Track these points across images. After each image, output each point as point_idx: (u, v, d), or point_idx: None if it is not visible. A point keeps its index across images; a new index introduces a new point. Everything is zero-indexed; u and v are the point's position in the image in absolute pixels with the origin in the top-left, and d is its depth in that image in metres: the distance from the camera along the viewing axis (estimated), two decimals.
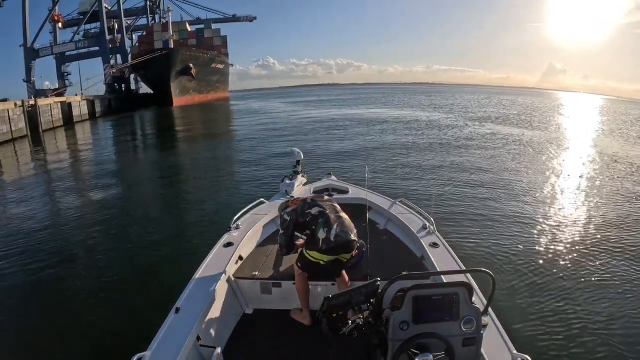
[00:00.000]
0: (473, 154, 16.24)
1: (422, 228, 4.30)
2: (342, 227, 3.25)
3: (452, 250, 3.84)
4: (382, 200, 5.23)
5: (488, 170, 12.99)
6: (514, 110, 43.53)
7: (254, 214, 4.78)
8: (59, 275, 6.29)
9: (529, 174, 12.73)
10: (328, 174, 6.36)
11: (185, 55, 61.71)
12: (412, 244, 4.29)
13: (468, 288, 2.24)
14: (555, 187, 11.15)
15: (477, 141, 19.64)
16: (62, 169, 16.46)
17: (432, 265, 3.59)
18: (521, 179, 11.89)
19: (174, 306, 2.99)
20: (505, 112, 38.94)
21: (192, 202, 10.32)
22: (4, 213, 9.93)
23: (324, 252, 3.23)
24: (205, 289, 3.24)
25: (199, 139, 25.32)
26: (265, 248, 4.37)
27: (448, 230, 6.94)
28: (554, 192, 10.55)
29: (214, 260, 3.72)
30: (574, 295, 5.29)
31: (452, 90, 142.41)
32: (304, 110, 46.17)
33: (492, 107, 46.10)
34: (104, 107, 48.44)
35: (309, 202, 3.49)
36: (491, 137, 21.16)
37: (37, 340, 4.63)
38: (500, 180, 11.63)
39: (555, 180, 11.97)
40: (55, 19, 68.69)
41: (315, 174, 7.89)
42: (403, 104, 52.92)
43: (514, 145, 18.52)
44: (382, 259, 3.95)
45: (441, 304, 2.20)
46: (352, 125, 27.07)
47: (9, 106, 26.44)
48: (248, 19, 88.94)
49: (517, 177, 12.23)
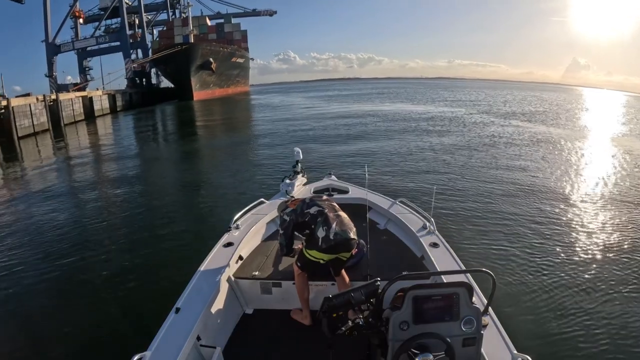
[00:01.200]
0: (480, 152, 15.73)
1: (422, 228, 4.31)
2: (341, 226, 3.26)
3: (452, 250, 3.83)
4: (382, 200, 5.23)
5: (489, 171, 12.63)
6: (540, 106, 41.37)
7: (254, 214, 4.79)
8: (59, 274, 6.25)
9: (540, 174, 12.26)
10: (328, 174, 6.37)
11: (205, 49, 61.86)
12: (412, 244, 4.29)
13: (468, 288, 2.20)
14: (559, 187, 10.80)
15: (495, 139, 18.67)
16: (74, 161, 16.87)
17: (432, 265, 3.61)
18: (527, 179, 11.51)
19: (174, 306, 2.99)
20: (530, 109, 36.83)
21: (192, 202, 10.23)
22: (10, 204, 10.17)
23: (323, 251, 3.23)
24: (205, 289, 3.26)
25: (212, 135, 25.26)
26: (265, 248, 4.37)
27: (448, 230, 6.97)
28: (556, 192, 10.23)
29: (214, 260, 3.73)
30: (574, 295, 5.29)
31: (474, 85, 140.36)
32: (324, 105, 45.31)
33: (516, 104, 43.97)
34: (125, 101, 48.95)
35: (308, 202, 3.50)
36: (513, 135, 20.12)
37: (37, 340, 4.61)
38: (501, 181, 11.31)
39: (561, 180, 11.53)
40: (76, 15, 69.61)
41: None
42: (425, 99, 51.38)
43: (538, 144, 17.44)
44: (382, 259, 3.95)
45: (441, 304, 2.17)
46: (372, 122, 26.00)
47: (31, 101, 27.07)
48: (268, 12, 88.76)
49: (523, 176, 11.83)
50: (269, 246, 4.38)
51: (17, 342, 4.58)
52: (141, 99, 55.17)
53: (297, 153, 5.90)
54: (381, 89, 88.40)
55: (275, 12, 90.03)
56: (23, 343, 4.57)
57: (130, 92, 54.37)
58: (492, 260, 6.16)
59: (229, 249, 3.94)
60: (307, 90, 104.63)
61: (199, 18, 73.85)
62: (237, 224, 4.40)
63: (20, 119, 24.81)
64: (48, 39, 66.57)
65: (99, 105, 40.21)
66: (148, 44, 72.07)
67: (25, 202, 10.61)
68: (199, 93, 61.96)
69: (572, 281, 5.63)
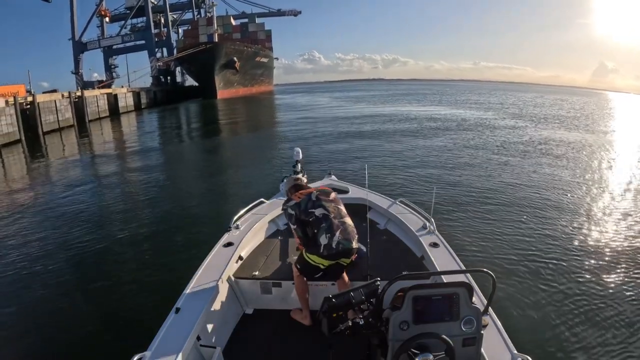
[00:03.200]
0: (490, 153, 15.28)
1: (422, 228, 4.27)
2: (344, 234, 3.19)
3: (452, 250, 3.79)
4: (382, 200, 5.19)
5: (490, 170, 12.56)
6: (572, 111, 39.20)
7: (254, 214, 4.75)
8: (58, 274, 6.17)
9: (548, 176, 11.92)
10: (328, 174, 6.29)
11: (229, 48, 62.11)
12: (412, 244, 4.28)
13: (468, 288, 2.19)
14: (561, 187, 10.64)
15: (514, 144, 17.68)
16: (84, 159, 17.42)
17: (432, 265, 3.59)
18: (530, 180, 11.31)
19: (174, 306, 2.94)
20: (563, 114, 34.80)
21: (193, 202, 10.11)
22: None
23: (324, 257, 3.18)
24: (205, 289, 3.23)
25: (230, 134, 25.35)
26: (265, 248, 4.34)
27: (448, 230, 6.86)
28: (558, 193, 10.11)
29: (214, 260, 3.71)
30: (574, 295, 5.25)
31: (500, 88, 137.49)
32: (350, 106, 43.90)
33: (547, 107, 42.34)
34: (149, 99, 49.71)
35: (314, 199, 3.35)
36: (531, 138, 19.18)
37: (37, 340, 4.57)
38: (502, 180, 11.26)
39: (565, 181, 11.33)
40: (102, 14, 70.82)
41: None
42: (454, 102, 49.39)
43: (570, 151, 16.30)
44: (382, 258, 3.91)
45: (441, 304, 2.16)
46: (398, 123, 25.17)
47: (56, 97, 28.16)
48: (293, 13, 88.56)
49: (526, 178, 11.61)
50: (269, 246, 4.36)
51: (17, 342, 4.54)
52: (165, 97, 55.93)
53: (296, 153, 5.64)
54: (408, 91, 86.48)
55: (300, 12, 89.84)
56: (23, 343, 4.52)
57: (154, 90, 55.16)
58: (492, 260, 6.13)
59: (229, 249, 3.92)
60: (331, 90, 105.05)
61: (224, 18, 74.43)
62: (237, 224, 4.37)
63: (46, 114, 25.55)
64: (74, 37, 68.00)
65: (123, 102, 40.83)
66: (173, 42, 72.95)
67: (28, 193, 11.16)
68: (223, 92, 62.39)
69: (572, 281, 5.60)
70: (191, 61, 59.35)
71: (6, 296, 5.57)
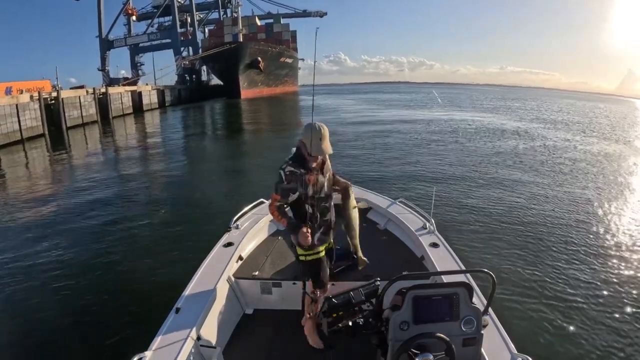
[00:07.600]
0: (499, 157, 15.02)
1: (422, 228, 4.24)
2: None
3: (452, 250, 3.77)
4: (381, 200, 5.17)
5: (491, 170, 12.64)
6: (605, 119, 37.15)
7: (254, 214, 4.73)
8: (58, 273, 6.13)
9: (545, 177, 12.04)
10: None
11: (254, 48, 61.98)
12: (411, 244, 4.24)
13: (468, 288, 2.20)
14: (562, 187, 10.76)
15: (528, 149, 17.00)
16: (108, 152, 18.04)
17: (432, 265, 3.58)
18: (532, 181, 11.39)
19: (174, 306, 2.93)
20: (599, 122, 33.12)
21: (195, 202, 9.99)
22: None
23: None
24: (205, 289, 3.21)
25: (247, 135, 25.04)
26: (265, 248, 4.34)
27: (448, 230, 6.81)
28: (558, 193, 10.18)
29: (214, 260, 3.69)
30: (574, 295, 5.25)
31: (528, 93, 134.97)
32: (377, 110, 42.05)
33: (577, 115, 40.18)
34: (174, 97, 49.95)
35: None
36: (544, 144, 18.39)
37: (36, 340, 4.52)
38: (503, 180, 11.32)
39: (566, 182, 11.43)
40: (129, 13, 71.89)
41: None
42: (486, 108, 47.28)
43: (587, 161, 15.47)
44: (382, 259, 3.84)
45: (441, 304, 2.16)
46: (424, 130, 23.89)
47: (81, 93, 28.71)
48: (318, 14, 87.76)
49: (527, 178, 11.72)
50: (269, 246, 4.37)
51: (17, 342, 4.52)
52: (189, 95, 56.14)
53: None
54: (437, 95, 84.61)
55: (326, 14, 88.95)
56: (23, 343, 4.50)
57: (179, 88, 55.42)
58: (492, 260, 6.15)
59: (229, 249, 3.91)
60: (356, 92, 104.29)
61: (249, 18, 74.62)
62: (237, 224, 4.36)
63: (70, 110, 25.94)
64: (101, 35, 69.13)
65: (147, 99, 40.99)
66: (198, 42, 73.10)
67: (35, 185, 11.47)
68: (247, 91, 62.43)
69: (572, 281, 5.60)
70: (216, 60, 59.58)
71: (6, 295, 5.54)
